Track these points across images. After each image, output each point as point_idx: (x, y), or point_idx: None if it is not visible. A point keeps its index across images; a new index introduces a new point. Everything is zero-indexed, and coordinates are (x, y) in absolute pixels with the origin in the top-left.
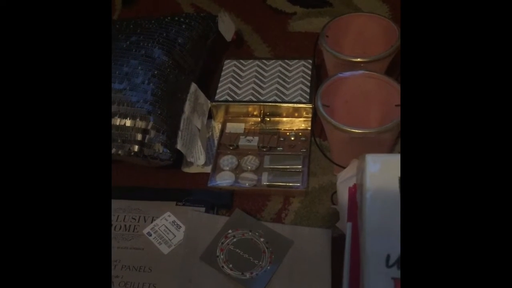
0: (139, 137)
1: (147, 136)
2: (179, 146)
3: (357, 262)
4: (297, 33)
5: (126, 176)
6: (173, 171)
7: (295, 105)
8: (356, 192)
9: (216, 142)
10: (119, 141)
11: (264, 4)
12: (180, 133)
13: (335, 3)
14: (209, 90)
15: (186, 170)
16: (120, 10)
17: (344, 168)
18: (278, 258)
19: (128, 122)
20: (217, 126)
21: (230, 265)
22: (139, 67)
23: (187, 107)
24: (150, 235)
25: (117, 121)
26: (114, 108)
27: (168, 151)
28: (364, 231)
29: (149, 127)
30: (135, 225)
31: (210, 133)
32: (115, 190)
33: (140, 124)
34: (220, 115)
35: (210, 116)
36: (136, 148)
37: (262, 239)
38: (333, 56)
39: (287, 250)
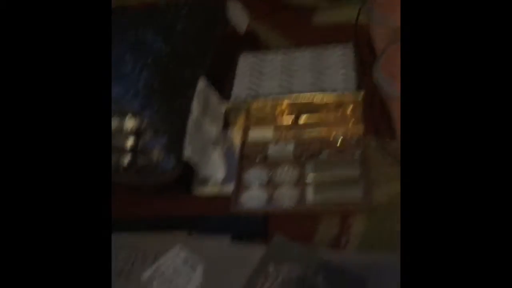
0: (130, 141)
1: (141, 140)
2: (187, 153)
3: None
4: (323, 26)
5: (118, 205)
6: (182, 197)
7: (340, 95)
8: None
9: (236, 155)
10: None
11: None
12: (188, 137)
13: None
14: (224, 91)
15: (200, 192)
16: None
17: None
18: None
19: (113, 122)
20: (237, 135)
21: None
22: (127, 55)
23: (195, 107)
24: (152, 282)
25: None
26: None
27: (171, 157)
28: None
29: (142, 127)
30: (128, 269)
31: (227, 146)
32: None
33: (131, 123)
34: (239, 120)
35: (227, 126)
36: (126, 158)
37: (319, 277)
38: (384, 26)
39: None
